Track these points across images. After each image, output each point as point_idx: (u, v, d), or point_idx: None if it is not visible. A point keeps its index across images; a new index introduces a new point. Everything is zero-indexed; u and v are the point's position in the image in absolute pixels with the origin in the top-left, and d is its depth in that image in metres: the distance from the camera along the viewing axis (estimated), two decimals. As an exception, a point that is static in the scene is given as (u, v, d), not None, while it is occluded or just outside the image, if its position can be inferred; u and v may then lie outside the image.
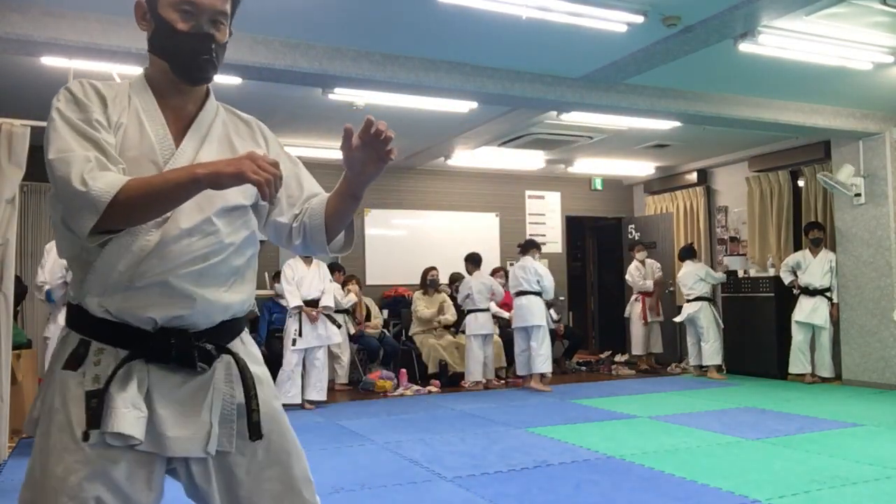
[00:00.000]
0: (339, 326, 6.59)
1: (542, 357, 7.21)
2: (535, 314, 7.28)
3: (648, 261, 9.00)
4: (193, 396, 1.41)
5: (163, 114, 1.45)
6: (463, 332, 7.70)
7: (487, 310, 7.63)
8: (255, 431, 1.42)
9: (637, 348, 8.83)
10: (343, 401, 6.81)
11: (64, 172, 1.27)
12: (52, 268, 5.12)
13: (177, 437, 1.37)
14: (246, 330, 1.57)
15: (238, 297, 1.47)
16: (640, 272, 8.90)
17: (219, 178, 1.27)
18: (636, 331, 8.82)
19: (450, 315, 8.01)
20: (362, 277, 8.39)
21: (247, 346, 1.54)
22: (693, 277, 7.98)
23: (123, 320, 1.36)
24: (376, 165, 1.46)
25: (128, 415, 1.32)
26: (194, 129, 1.47)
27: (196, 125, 1.48)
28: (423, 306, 8.00)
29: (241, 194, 1.46)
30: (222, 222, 1.42)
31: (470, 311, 7.58)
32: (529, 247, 7.65)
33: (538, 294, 7.35)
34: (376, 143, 1.42)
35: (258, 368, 1.52)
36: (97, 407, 1.31)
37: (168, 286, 1.36)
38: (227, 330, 1.47)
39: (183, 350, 1.38)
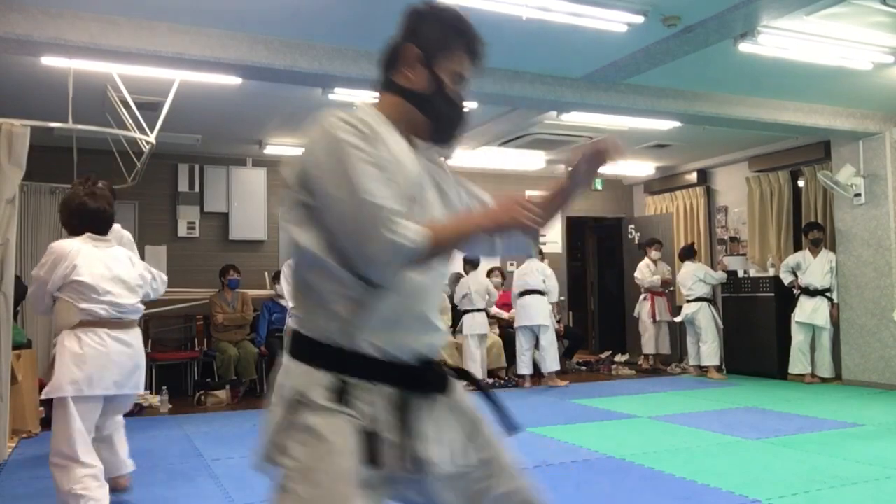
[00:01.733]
0: None
1: (552, 356, 7.45)
2: (541, 314, 7.40)
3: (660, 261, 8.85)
4: (438, 419, 1.47)
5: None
6: (460, 331, 7.68)
7: (484, 310, 7.62)
8: (512, 426, 1.56)
9: (648, 347, 8.69)
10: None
11: (373, 217, 1.28)
12: None
13: (441, 460, 1.44)
14: None
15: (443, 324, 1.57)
16: (650, 270, 8.72)
17: (500, 228, 1.36)
18: (646, 330, 8.68)
19: (446, 317, 8.02)
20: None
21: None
22: (692, 278, 7.99)
23: (392, 357, 1.40)
24: (595, 175, 1.60)
25: (432, 447, 1.41)
26: (444, 180, 1.56)
27: (445, 175, 1.57)
28: None
29: None
30: (444, 259, 1.50)
31: (466, 312, 7.57)
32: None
33: (543, 294, 7.44)
34: (601, 159, 1.54)
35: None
36: (376, 445, 1.35)
37: (425, 320, 1.45)
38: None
39: (439, 376, 1.49)
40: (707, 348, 7.89)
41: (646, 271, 8.73)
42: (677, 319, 8.31)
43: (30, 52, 4.35)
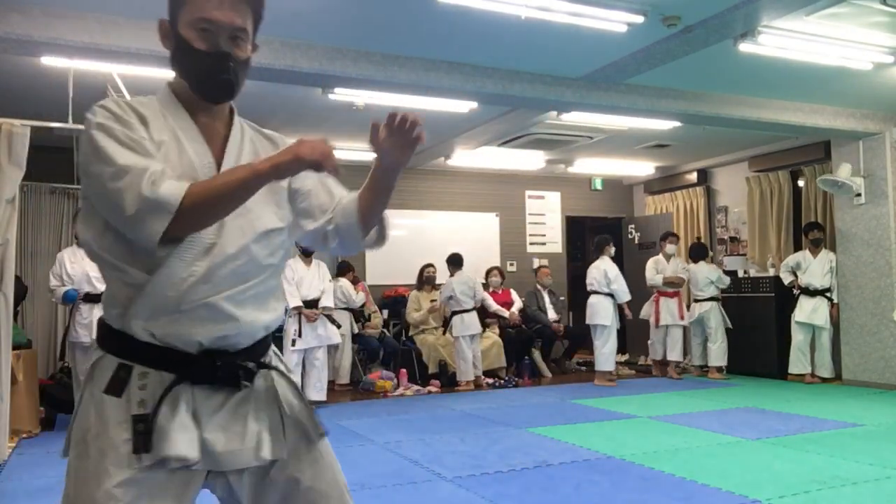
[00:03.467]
0: (338, 327, 6.58)
1: (603, 356, 7.55)
2: (600, 314, 7.55)
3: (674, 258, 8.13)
4: (236, 411, 1.43)
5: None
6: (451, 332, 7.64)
7: (473, 310, 7.59)
8: (319, 431, 1.50)
9: (654, 354, 8.15)
10: (343, 401, 6.81)
11: (126, 182, 1.26)
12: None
13: (229, 451, 1.40)
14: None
15: (274, 314, 1.52)
16: (656, 268, 8.02)
17: (279, 168, 1.31)
18: (651, 335, 8.16)
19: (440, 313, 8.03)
20: (362, 277, 8.40)
21: (279, 358, 1.60)
22: (704, 280, 7.90)
23: (169, 344, 1.37)
24: (405, 152, 1.49)
25: (182, 437, 1.35)
26: (230, 150, 1.49)
27: (231, 142, 1.50)
28: (413, 308, 8.01)
29: (277, 218, 1.50)
30: (261, 245, 1.45)
31: (455, 313, 7.53)
32: (603, 244, 7.80)
33: (609, 295, 7.54)
34: (403, 130, 1.45)
35: (293, 377, 1.58)
36: (145, 431, 1.33)
37: (214, 308, 1.38)
38: (263, 346, 1.52)
39: (229, 370, 1.42)
40: (717, 348, 7.75)
41: (650, 268, 8.10)
42: (686, 322, 7.95)
43: (30, 52, 4.35)
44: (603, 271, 7.59)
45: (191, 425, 1.37)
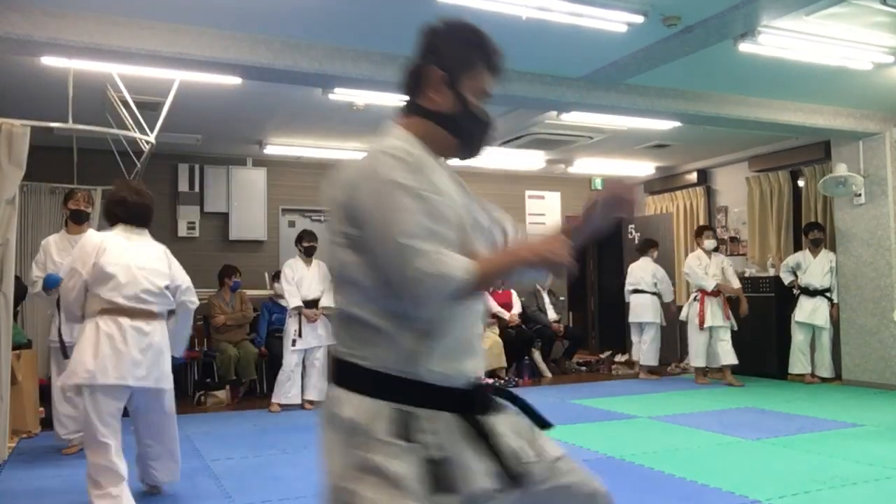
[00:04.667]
0: None
1: (651, 351, 7.99)
2: (649, 311, 8.00)
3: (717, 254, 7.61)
4: (477, 440, 1.45)
5: None
6: None
7: None
8: (544, 423, 1.58)
9: (696, 359, 7.48)
10: (343, 401, 6.79)
11: (422, 261, 1.29)
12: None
13: (485, 483, 1.42)
14: None
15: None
16: (700, 264, 7.46)
17: (542, 264, 1.39)
18: (693, 338, 7.47)
19: None
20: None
21: None
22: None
23: (450, 382, 1.41)
24: (611, 220, 1.58)
25: (479, 472, 1.40)
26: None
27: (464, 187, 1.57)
28: None
29: None
30: None
31: None
32: (647, 247, 8.26)
33: (654, 294, 7.97)
34: (620, 203, 1.54)
35: None
36: (442, 473, 1.35)
37: (473, 344, 1.48)
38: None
39: (484, 399, 1.49)
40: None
41: (695, 266, 7.45)
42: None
43: (30, 52, 4.35)
44: (651, 272, 8.05)
45: (477, 459, 1.42)
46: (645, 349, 8.00)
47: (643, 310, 8.02)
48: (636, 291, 8.13)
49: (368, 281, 1.36)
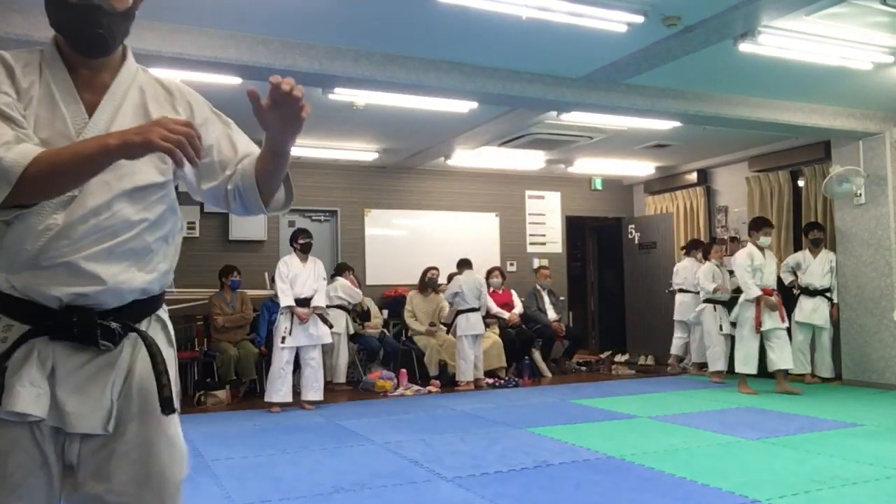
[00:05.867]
0: (330, 327, 6.51)
1: (694, 350, 8.24)
2: (689, 311, 8.11)
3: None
4: (97, 374, 1.39)
5: (75, 84, 1.40)
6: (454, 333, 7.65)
7: (478, 309, 7.61)
8: (166, 405, 1.40)
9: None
10: (343, 401, 6.81)
11: None
12: None
13: (78, 413, 1.36)
14: (164, 309, 1.54)
15: (152, 275, 1.45)
16: (752, 265, 6.66)
17: (128, 149, 1.24)
18: (745, 342, 6.71)
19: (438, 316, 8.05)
20: (362, 277, 8.39)
21: (162, 326, 1.52)
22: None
23: (29, 297, 1.34)
24: (293, 124, 1.40)
25: (25, 392, 1.31)
26: (107, 99, 1.41)
27: (109, 95, 1.42)
28: (408, 311, 8.03)
29: (156, 171, 1.43)
30: (132, 200, 1.39)
31: (460, 312, 7.53)
32: (692, 248, 8.40)
33: (697, 293, 7.96)
34: (288, 101, 1.36)
35: (169, 351, 1.50)
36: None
37: (74, 267, 1.34)
38: (138, 309, 1.45)
39: (86, 328, 1.36)
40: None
41: (744, 267, 6.60)
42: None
43: (30, 52, 4.34)
44: (694, 272, 8.03)
45: (41, 381, 1.33)
46: (698, 347, 8.04)
47: (687, 308, 8.21)
48: (681, 291, 8.33)
49: None
